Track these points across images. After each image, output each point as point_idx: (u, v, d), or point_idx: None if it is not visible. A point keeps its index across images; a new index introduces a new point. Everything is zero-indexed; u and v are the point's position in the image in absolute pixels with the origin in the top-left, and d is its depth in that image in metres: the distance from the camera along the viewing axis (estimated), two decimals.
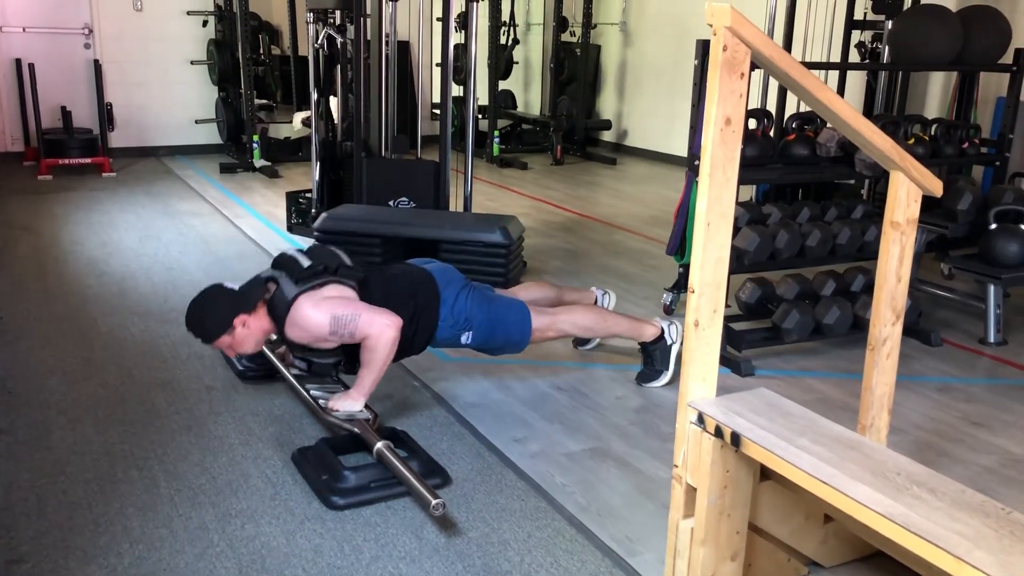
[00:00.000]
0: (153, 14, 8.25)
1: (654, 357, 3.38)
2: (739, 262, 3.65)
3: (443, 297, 3.05)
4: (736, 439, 1.81)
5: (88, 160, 7.56)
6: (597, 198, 7.30)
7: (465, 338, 3.10)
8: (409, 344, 2.99)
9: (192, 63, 8.49)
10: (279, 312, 2.80)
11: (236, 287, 2.86)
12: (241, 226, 5.72)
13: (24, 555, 2.20)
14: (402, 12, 5.64)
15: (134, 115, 8.34)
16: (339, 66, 5.74)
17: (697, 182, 1.82)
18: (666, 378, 3.37)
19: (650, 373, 3.39)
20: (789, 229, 3.74)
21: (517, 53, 9.85)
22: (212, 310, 2.82)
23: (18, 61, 7.70)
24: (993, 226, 4.04)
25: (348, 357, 2.90)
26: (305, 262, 2.88)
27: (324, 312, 2.75)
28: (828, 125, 3.98)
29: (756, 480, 1.99)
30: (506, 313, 3.16)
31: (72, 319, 3.97)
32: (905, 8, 5.34)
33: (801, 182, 5.17)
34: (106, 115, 7.92)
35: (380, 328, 2.74)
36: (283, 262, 2.94)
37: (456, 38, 6.09)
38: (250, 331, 2.82)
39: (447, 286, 3.08)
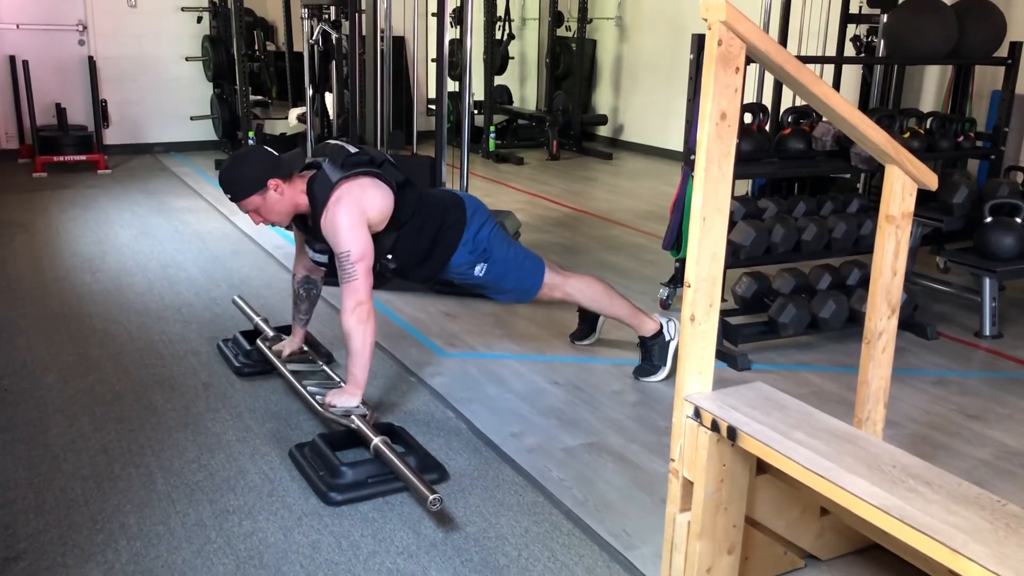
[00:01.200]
0: (147, 10, 8.22)
1: (652, 352, 3.38)
2: (735, 256, 3.66)
3: (470, 221, 3.11)
4: (732, 433, 1.81)
5: (83, 157, 7.54)
6: (593, 193, 7.30)
7: (479, 269, 3.14)
8: (427, 259, 3.06)
9: (187, 59, 8.47)
10: (319, 195, 2.83)
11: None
12: (237, 223, 5.71)
13: (22, 552, 2.20)
14: (397, 7, 5.64)
15: (129, 112, 8.32)
16: (334, 62, 5.74)
17: (693, 177, 1.82)
18: (663, 373, 3.37)
19: (648, 368, 3.40)
20: (785, 223, 3.74)
21: (513, 48, 9.84)
22: (248, 167, 2.85)
23: (12, 58, 7.68)
24: (988, 219, 4.04)
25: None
26: (352, 149, 2.91)
27: (350, 240, 2.77)
28: (824, 119, 3.99)
29: (752, 474, 1.99)
30: (524, 259, 3.23)
31: (68, 316, 3.97)
32: (900, 2, 5.34)
33: (797, 176, 5.17)
34: (101, 112, 7.90)
35: (351, 304, 2.77)
36: (328, 148, 2.97)
37: (451, 33, 6.07)
38: (282, 199, 2.84)
39: (475, 213, 3.15)
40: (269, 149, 2.92)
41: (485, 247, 3.13)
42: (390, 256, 3.02)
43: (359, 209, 2.83)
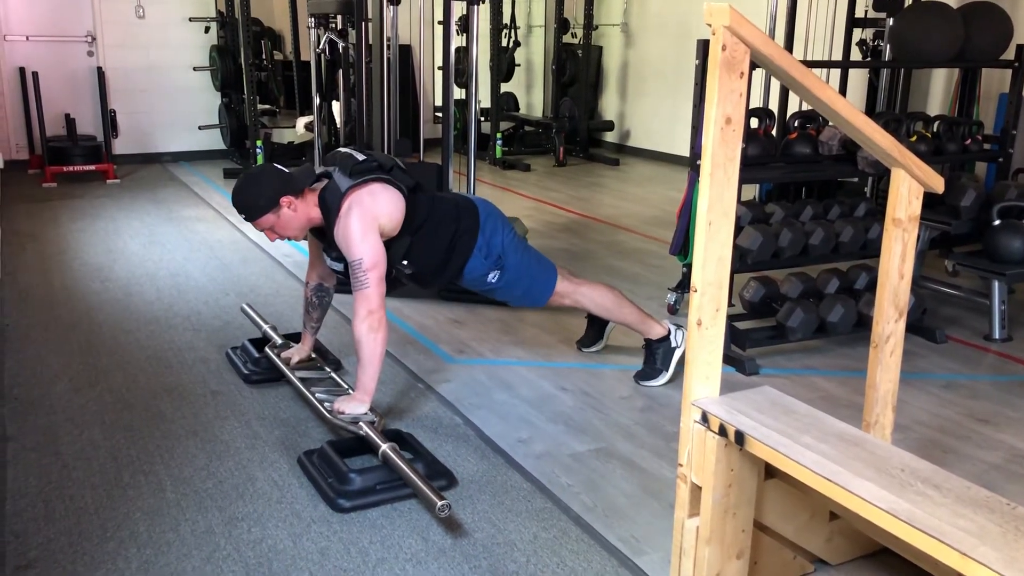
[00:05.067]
0: (155, 21, 8.27)
1: (656, 356, 3.38)
2: (743, 261, 3.66)
3: (483, 227, 3.10)
4: (740, 437, 1.81)
5: (92, 167, 7.58)
6: (600, 199, 7.31)
7: (493, 276, 3.14)
8: (443, 266, 3.06)
9: (195, 69, 8.50)
10: (331, 205, 2.84)
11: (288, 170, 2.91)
12: (246, 231, 5.72)
13: (32, 560, 2.21)
14: (403, 16, 5.65)
15: (138, 122, 8.36)
16: (341, 70, 5.76)
17: (699, 182, 1.83)
18: (665, 378, 3.37)
19: (650, 372, 3.40)
20: (792, 228, 3.74)
21: (519, 55, 9.86)
22: (261, 186, 2.85)
23: (22, 70, 7.72)
24: (997, 222, 4.03)
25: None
26: (360, 156, 2.92)
27: (363, 248, 2.77)
28: (830, 123, 3.98)
29: (761, 478, 1.99)
30: (536, 265, 3.23)
31: (78, 326, 3.99)
32: (906, 5, 5.33)
33: (804, 181, 5.17)
34: (110, 122, 7.95)
35: (363, 312, 2.77)
36: (338, 157, 2.97)
37: (458, 41, 6.10)
38: (296, 215, 2.86)
39: (488, 218, 3.13)
40: (279, 166, 2.93)
41: (500, 253, 3.12)
42: (405, 262, 3.02)
43: (371, 216, 2.83)
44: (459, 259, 3.08)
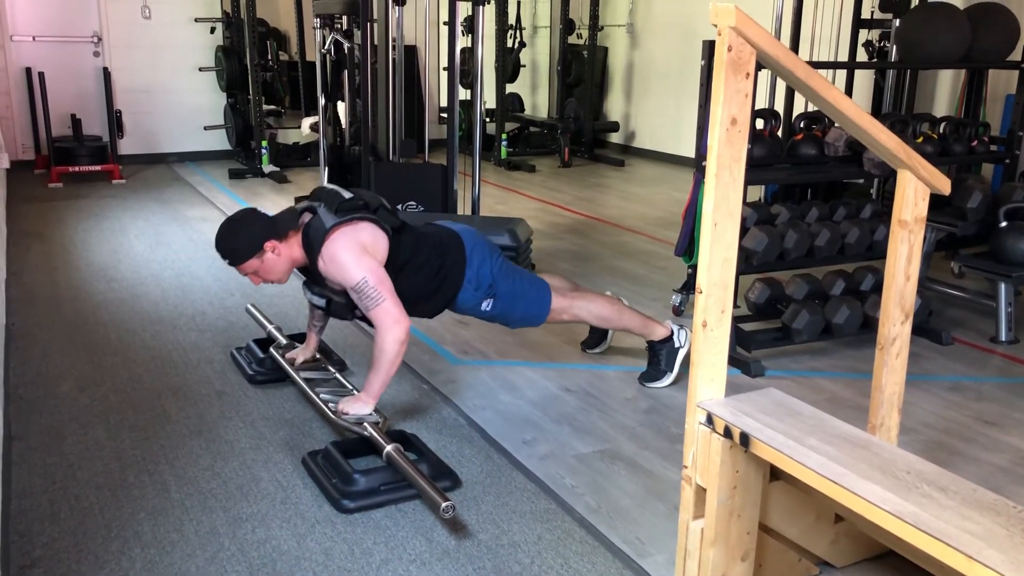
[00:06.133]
0: (161, 21, 8.29)
1: (660, 357, 3.37)
2: (748, 262, 3.65)
3: (469, 259, 3.07)
4: (745, 439, 1.80)
5: (98, 167, 7.59)
6: (605, 200, 7.30)
7: (486, 305, 3.12)
8: (430, 299, 3.03)
9: (200, 70, 8.52)
10: (314, 241, 2.81)
11: (270, 214, 2.89)
12: None
13: (37, 560, 2.22)
14: (408, 16, 5.66)
15: (143, 122, 8.38)
16: (346, 71, 5.76)
17: (704, 183, 1.82)
18: (669, 379, 3.36)
19: (654, 373, 3.39)
20: (798, 229, 3.73)
21: (524, 56, 9.87)
22: (243, 232, 2.84)
23: (28, 70, 7.74)
24: (1003, 224, 4.02)
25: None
26: (346, 195, 2.88)
27: (362, 268, 2.76)
28: (836, 124, 3.97)
29: (766, 480, 1.99)
30: (529, 287, 3.19)
31: (83, 325, 3.99)
32: (912, 6, 5.32)
33: (809, 182, 5.16)
34: (115, 122, 7.97)
35: (389, 323, 2.75)
36: (323, 194, 2.94)
37: (463, 42, 6.09)
38: (280, 259, 2.85)
39: (474, 249, 3.10)
40: (261, 211, 2.93)
41: (490, 282, 3.09)
42: None
43: (358, 244, 2.81)
44: (448, 291, 3.06)
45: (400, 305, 2.79)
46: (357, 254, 2.78)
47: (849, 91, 5.84)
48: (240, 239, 2.83)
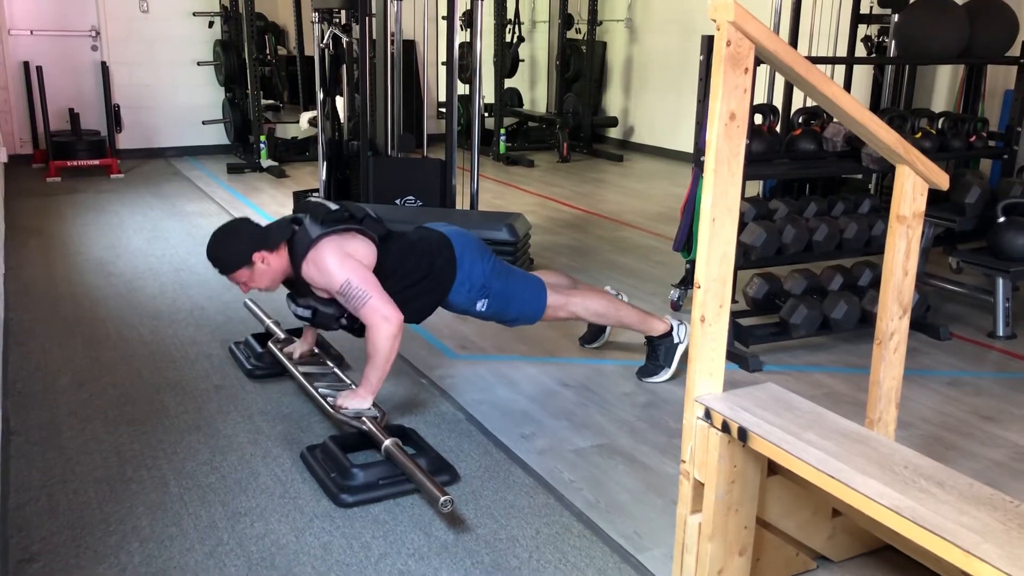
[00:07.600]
0: (159, 15, 8.27)
1: (658, 352, 3.38)
2: (746, 257, 3.65)
3: (460, 262, 3.08)
4: (743, 434, 1.81)
5: (96, 162, 7.59)
6: (604, 195, 7.30)
7: (480, 305, 3.12)
8: (421, 299, 3.03)
9: (198, 64, 8.51)
10: (299, 250, 2.84)
11: (262, 224, 2.93)
12: None
13: (35, 554, 2.22)
14: (407, 11, 5.65)
15: (141, 116, 8.37)
16: (345, 65, 5.75)
17: (703, 178, 1.82)
18: (667, 375, 3.37)
19: (652, 368, 3.39)
20: (796, 224, 3.73)
21: (523, 51, 9.85)
22: (233, 242, 2.88)
23: (26, 64, 7.73)
24: (1001, 219, 4.02)
25: (350, 316, 2.92)
26: (332, 207, 2.92)
27: (345, 270, 2.79)
28: (835, 120, 3.97)
29: (764, 475, 1.99)
30: (523, 286, 3.20)
31: (81, 320, 3.99)
32: (911, 1, 5.32)
33: (808, 177, 5.16)
34: (114, 117, 7.96)
35: (379, 320, 2.77)
36: (310, 206, 2.97)
37: (461, 36, 6.09)
38: (269, 268, 2.88)
39: (464, 251, 3.11)
40: (253, 221, 2.97)
41: (482, 283, 3.09)
42: None
43: (342, 251, 2.84)
44: (439, 294, 3.07)
45: (389, 301, 2.81)
46: (340, 258, 2.81)
47: (848, 87, 5.83)
48: (231, 250, 2.87)
